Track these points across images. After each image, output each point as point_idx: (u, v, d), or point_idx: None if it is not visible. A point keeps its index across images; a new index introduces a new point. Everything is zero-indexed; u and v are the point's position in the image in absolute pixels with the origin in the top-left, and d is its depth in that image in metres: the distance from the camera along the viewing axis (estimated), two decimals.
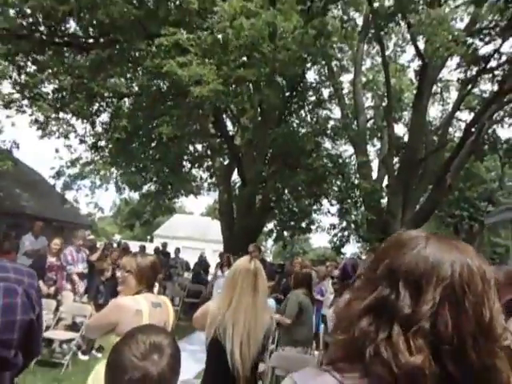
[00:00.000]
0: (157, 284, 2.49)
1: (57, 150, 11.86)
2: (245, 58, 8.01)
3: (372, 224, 9.71)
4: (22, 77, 9.34)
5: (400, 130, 47.11)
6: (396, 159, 12.16)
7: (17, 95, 9.56)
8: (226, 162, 12.53)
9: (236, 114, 11.41)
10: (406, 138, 12.44)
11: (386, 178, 11.46)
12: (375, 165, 15.68)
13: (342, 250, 11.39)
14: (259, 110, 10.96)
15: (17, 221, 10.87)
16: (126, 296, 2.17)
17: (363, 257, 12.84)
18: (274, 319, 2.22)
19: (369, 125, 13.56)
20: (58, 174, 11.49)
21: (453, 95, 14.72)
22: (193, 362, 4.70)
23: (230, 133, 12.11)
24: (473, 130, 9.23)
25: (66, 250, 5.71)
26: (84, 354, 5.30)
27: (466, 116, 13.69)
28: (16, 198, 12.97)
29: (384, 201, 10.63)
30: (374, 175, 11.72)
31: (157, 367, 0.96)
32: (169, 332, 1.12)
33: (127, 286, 2.17)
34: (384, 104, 13.39)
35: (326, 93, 13.36)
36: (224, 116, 11.42)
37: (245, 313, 1.92)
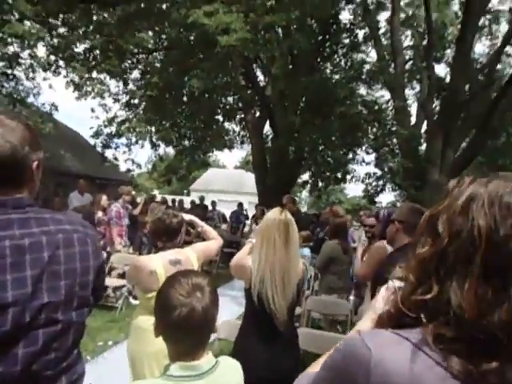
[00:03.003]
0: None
1: (92, 110, 12.21)
2: (273, 2, 7.61)
3: (409, 172, 9.45)
4: (55, 39, 9.44)
5: (441, 70, 43.71)
6: (436, 102, 11.49)
7: (52, 57, 9.74)
8: (257, 114, 12.38)
9: (266, 64, 11.07)
10: (447, 79, 11.61)
11: (425, 123, 10.92)
12: (414, 110, 14.90)
13: (377, 199, 11.28)
14: (290, 57, 10.55)
15: (62, 180, 11.30)
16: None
17: (398, 205, 12.67)
18: (307, 266, 2.33)
19: (407, 66, 12.72)
20: (97, 134, 11.90)
21: (502, 28, 13.39)
22: (234, 305, 5.10)
23: (261, 84, 11.84)
24: None
25: (113, 206, 6.01)
26: (134, 298, 5.79)
27: None
28: (60, 159, 13.50)
29: (422, 147, 10.21)
30: (413, 121, 11.19)
31: (201, 303, 1.11)
32: (205, 274, 1.26)
33: None
34: (424, 43, 12.43)
35: (361, 35, 12.58)
36: (254, 66, 11.13)
37: (279, 262, 2.02)
